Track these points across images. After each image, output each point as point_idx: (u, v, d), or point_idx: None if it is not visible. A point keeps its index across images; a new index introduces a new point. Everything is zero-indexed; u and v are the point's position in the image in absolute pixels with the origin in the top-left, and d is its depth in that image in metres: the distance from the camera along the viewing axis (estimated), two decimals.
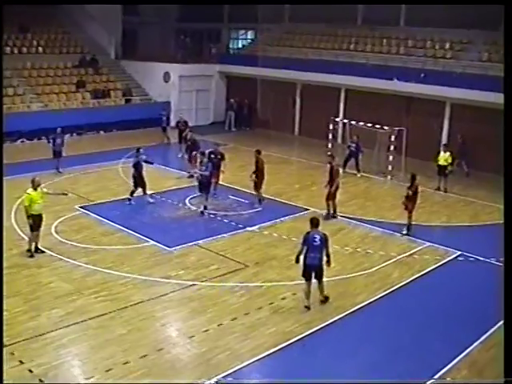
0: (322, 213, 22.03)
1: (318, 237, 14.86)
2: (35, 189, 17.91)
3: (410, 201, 20.61)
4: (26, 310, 14.61)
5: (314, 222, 15.18)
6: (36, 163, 27.99)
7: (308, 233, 15.02)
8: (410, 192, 20.49)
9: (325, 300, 15.42)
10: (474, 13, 32.83)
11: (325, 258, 14.97)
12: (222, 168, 24.06)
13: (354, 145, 28.52)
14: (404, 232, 20.78)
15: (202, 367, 12.54)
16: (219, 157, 24.11)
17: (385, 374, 12.40)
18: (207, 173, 22.01)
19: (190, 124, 39.35)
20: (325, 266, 15.10)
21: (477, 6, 32.27)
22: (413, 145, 29.13)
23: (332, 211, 22.23)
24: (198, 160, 22.80)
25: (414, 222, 20.97)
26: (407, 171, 27.91)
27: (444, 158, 26.53)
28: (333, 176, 22.10)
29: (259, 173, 23.25)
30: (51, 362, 12.45)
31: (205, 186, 22.16)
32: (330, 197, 22.12)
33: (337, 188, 22.19)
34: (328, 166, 22.69)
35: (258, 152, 23.65)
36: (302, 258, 14.98)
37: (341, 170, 24.36)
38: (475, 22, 32.86)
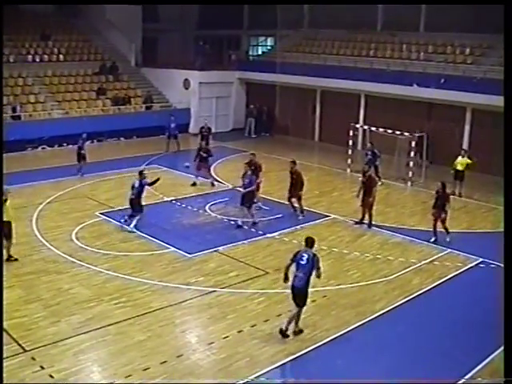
0: (353, 220, 22.36)
1: (305, 256, 13.79)
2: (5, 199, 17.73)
3: (440, 210, 20.40)
4: (46, 315, 14.68)
5: (308, 241, 14.12)
6: (57, 170, 28.25)
7: (299, 251, 14.15)
8: (442, 203, 20.35)
9: (298, 332, 14.24)
10: (494, 17, 32.57)
11: (312, 280, 14.03)
12: (258, 180, 23.12)
13: (369, 152, 27.90)
14: (448, 239, 20.57)
15: (222, 373, 12.53)
16: (253, 168, 23.00)
17: (404, 382, 12.32)
18: (252, 187, 21.57)
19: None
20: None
21: (497, 10, 32.05)
22: (433, 150, 29.00)
23: (368, 221, 21.97)
24: (243, 172, 21.93)
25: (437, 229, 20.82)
26: (428, 177, 27.88)
27: (461, 162, 26.30)
28: (371, 185, 21.77)
29: (298, 184, 22.73)
30: (71, 367, 12.49)
31: (248, 199, 21.52)
32: (367, 206, 21.81)
33: (374, 198, 21.87)
34: (362, 176, 22.40)
35: (294, 163, 22.90)
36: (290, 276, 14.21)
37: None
38: (496, 26, 32.59)
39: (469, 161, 26.39)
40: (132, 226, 20.87)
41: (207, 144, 29.16)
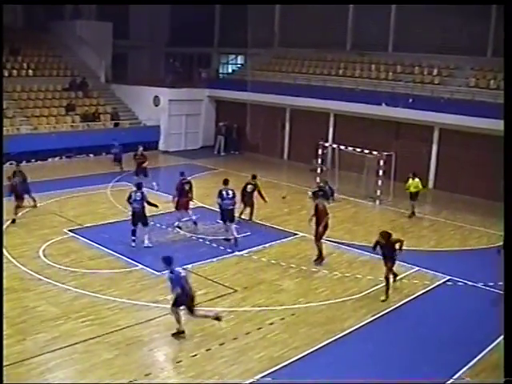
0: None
1: None
2: None
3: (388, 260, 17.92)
4: (11, 333, 14.44)
5: None
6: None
7: None
8: (396, 251, 17.83)
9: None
10: (461, 38, 33.21)
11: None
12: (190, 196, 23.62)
13: (321, 193, 24.85)
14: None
15: None
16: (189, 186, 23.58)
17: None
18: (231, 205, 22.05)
19: (180, 148, 39.62)
20: None
21: (464, 32, 32.67)
22: (401, 169, 29.25)
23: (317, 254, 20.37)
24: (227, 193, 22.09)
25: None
26: (396, 196, 28.11)
27: (413, 185, 26.17)
28: (318, 214, 20.11)
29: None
30: None
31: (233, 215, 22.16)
32: (319, 237, 20.30)
33: (325, 228, 20.21)
34: (314, 203, 20.97)
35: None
36: None
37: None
38: (463, 47, 33.23)
39: (420, 186, 26.36)
40: (147, 242, 21.15)
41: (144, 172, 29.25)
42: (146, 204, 21.31)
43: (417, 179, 26.38)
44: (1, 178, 20.61)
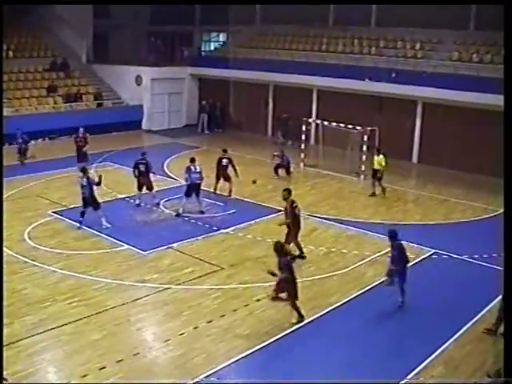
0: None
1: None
2: None
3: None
4: None
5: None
6: (8, 168, 27.66)
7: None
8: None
9: None
10: (444, 13, 33.12)
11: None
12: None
13: (279, 160, 28.23)
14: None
15: (179, 370, 12.51)
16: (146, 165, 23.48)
17: (361, 373, 12.45)
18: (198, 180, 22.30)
19: (163, 127, 39.43)
20: None
21: (446, 6, 32.54)
22: (385, 144, 29.29)
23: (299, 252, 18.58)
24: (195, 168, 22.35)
25: (387, 222, 20.97)
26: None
27: (378, 161, 25.55)
28: (287, 214, 18.71)
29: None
30: (26, 369, 12.32)
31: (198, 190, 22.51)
32: (290, 238, 18.46)
33: (296, 227, 18.56)
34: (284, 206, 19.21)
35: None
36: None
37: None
38: (445, 21, 33.16)
39: (383, 163, 25.36)
40: (105, 223, 20.78)
41: (85, 154, 28.09)
42: (95, 187, 21.06)
43: (381, 156, 25.56)
44: (1, 174, 20.43)
